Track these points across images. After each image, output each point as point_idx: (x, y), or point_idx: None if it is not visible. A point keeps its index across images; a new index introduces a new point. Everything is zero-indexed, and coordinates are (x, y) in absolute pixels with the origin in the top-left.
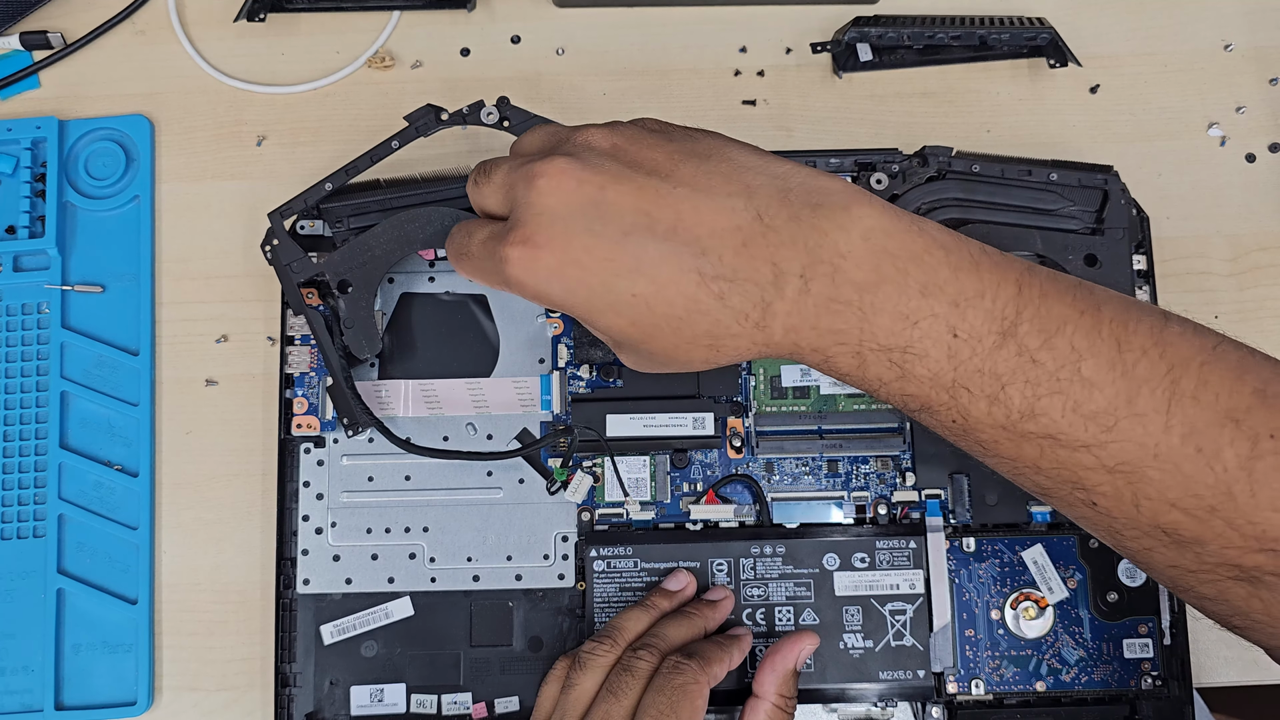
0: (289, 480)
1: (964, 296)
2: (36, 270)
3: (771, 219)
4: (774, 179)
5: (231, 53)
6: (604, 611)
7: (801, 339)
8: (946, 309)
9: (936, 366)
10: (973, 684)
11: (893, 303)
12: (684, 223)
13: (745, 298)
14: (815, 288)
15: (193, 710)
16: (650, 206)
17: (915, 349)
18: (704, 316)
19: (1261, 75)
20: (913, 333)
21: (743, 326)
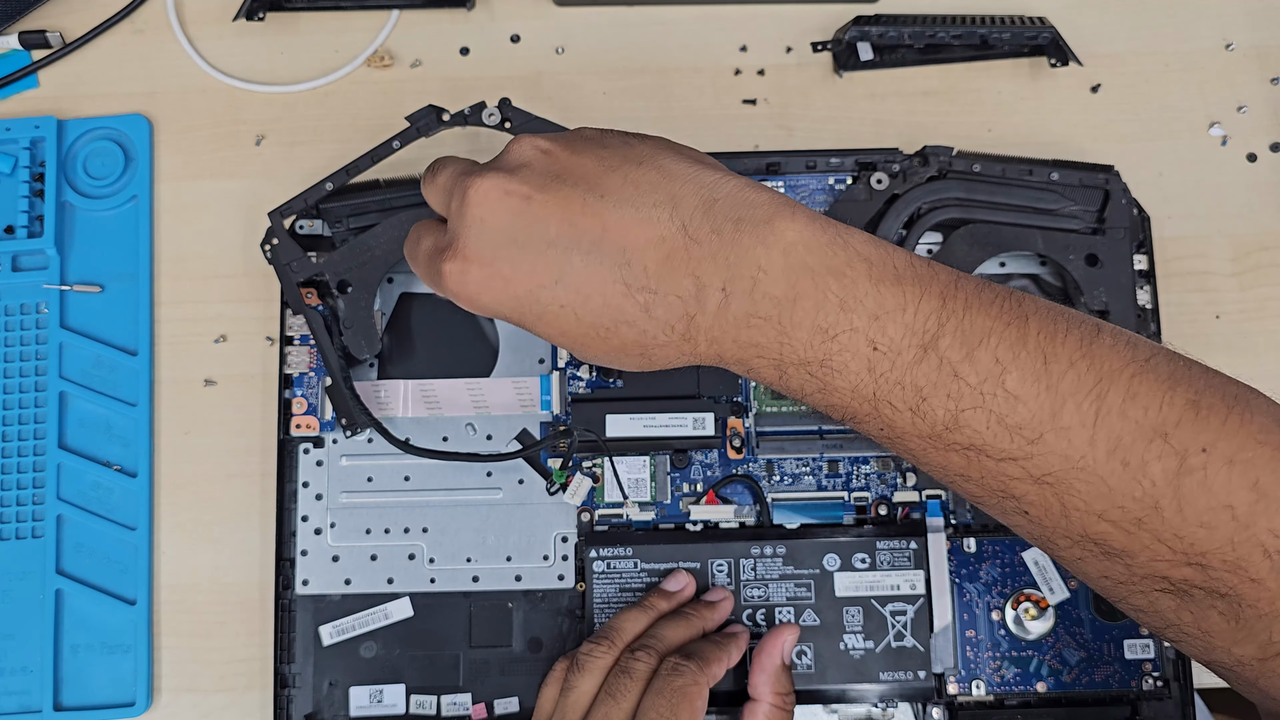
0: (288, 481)
1: (884, 310)
2: (35, 270)
3: (695, 231)
4: (701, 189)
5: (230, 52)
6: (604, 612)
7: (724, 351)
8: (865, 323)
9: (856, 379)
10: (973, 685)
11: (810, 317)
12: (609, 233)
13: (669, 310)
14: (734, 302)
15: (191, 711)
16: (576, 217)
17: (833, 362)
18: (630, 327)
19: (1263, 74)
20: (830, 346)
21: (669, 337)
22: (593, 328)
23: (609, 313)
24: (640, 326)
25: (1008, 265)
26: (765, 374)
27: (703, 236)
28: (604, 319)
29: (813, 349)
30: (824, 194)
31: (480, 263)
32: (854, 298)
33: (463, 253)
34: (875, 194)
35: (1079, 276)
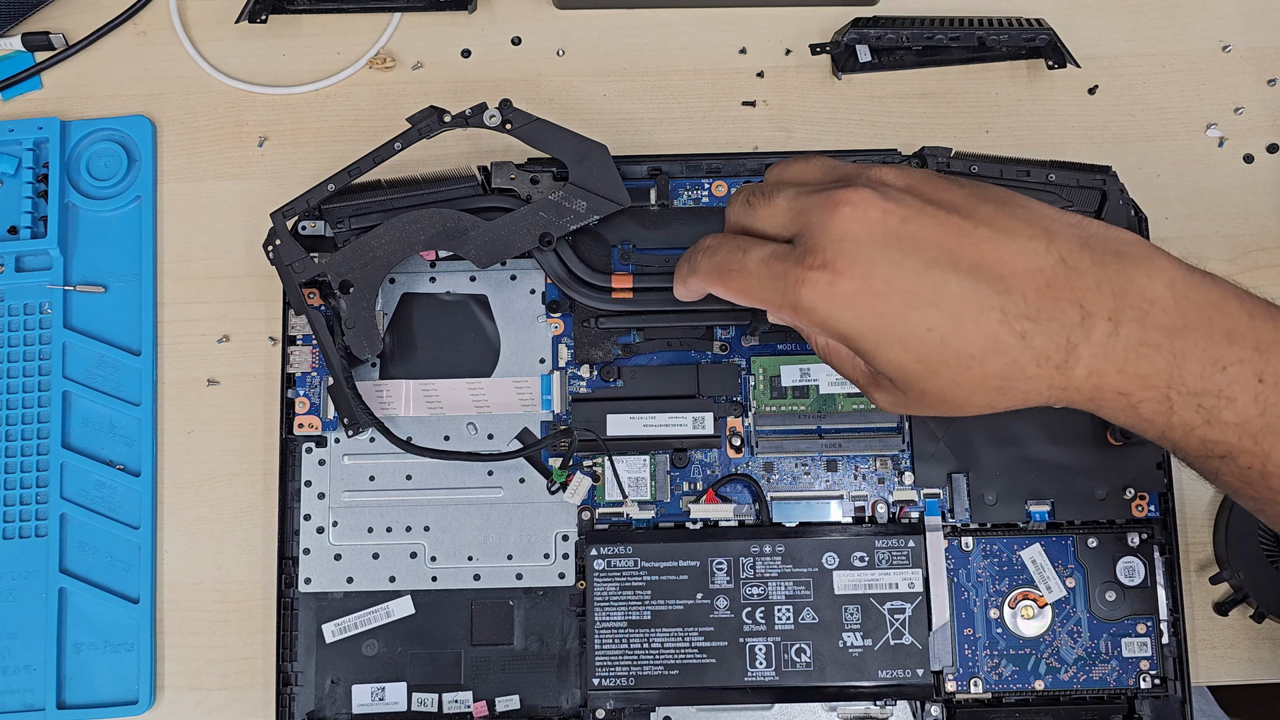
0: (290, 480)
1: (1264, 343)
2: (38, 270)
3: (1075, 263)
4: (1071, 225)
5: (233, 54)
6: (604, 610)
7: (1105, 382)
8: (1251, 354)
9: (1245, 411)
10: (971, 683)
11: (1201, 348)
12: (986, 260)
13: (1049, 338)
14: (1125, 331)
15: (194, 709)
16: (953, 243)
17: (1226, 393)
18: (1000, 356)
19: (1260, 76)
20: (1223, 377)
21: (1042, 369)
22: (957, 355)
23: (980, 340)
24: (1011, 356)
25: None
26: (1148, 409)
27: (1084, 268)
28: (973, 346)
29: (1205, 380)
30: None
31: (852, 276)
32: (1238, 331)
33: (833, 264)
34: None
35: None
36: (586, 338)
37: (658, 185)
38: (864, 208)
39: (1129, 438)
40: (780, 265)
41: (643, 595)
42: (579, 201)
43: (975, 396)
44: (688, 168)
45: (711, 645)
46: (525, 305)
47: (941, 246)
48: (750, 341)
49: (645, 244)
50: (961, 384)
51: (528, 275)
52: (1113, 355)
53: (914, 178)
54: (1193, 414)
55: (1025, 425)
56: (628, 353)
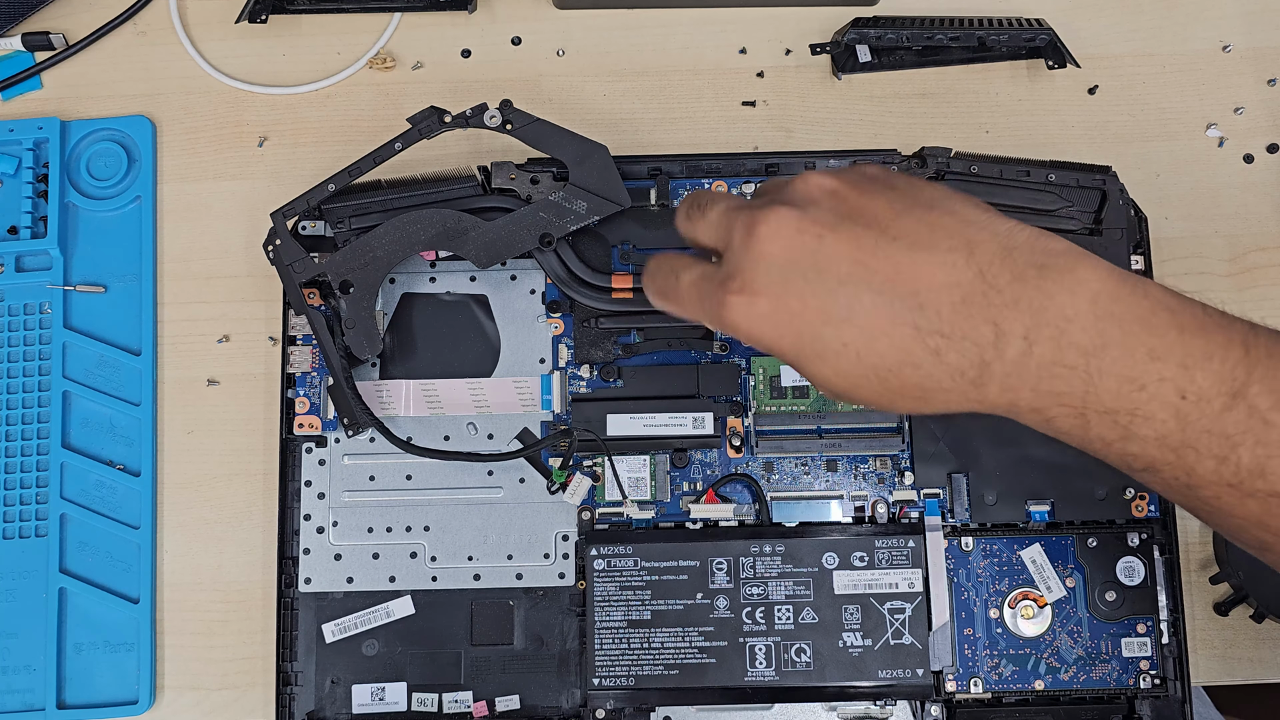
0: (290, 480)
1: (1191, 359)
2: (38, 270)
3: (994, 278)
4: (997, 236)
5: (233, 54)
6: (604, 610)
7: (1020, 399)
8: (1175, 372)
9: (1164, 428)
10: (971, 683)
11: (1119, 366)
12: (902, 275)
13: (962, 355)
14: (1039, 350)
15: (194, 709)
16: (867, 258)
17: (1142, 411)
18: (915, 370)
19: (1260, 76)
20: (1139, 396)
21: (956, 383)
22: (874, 369)
23: (894, 355)
24: (926, 370)
25: None
26: (1063, 423)
27: (1002, 284)
28: (888, 361)
29: (1121, 398)
30: None
31: (768, 296)
32: (1162, 347)
33: (750, 286)
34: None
35: None
36: (586, 338)
37: (658, 185)
38: (778, 227)
39: None
40: (707, 286)
41: (643, 595)
42: (579, 202)
43: (898, 403)
44: (688, 168)
45: (711, 645)
46: (525, 305)
47: (856, 262)
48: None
49: (645, 244)
50: (883, 394)
51: (528, 275)
52: (1026, 374)
53: (842, 184)
54: (1109, 430)
55: (1025, 425)
56: (628, 353)
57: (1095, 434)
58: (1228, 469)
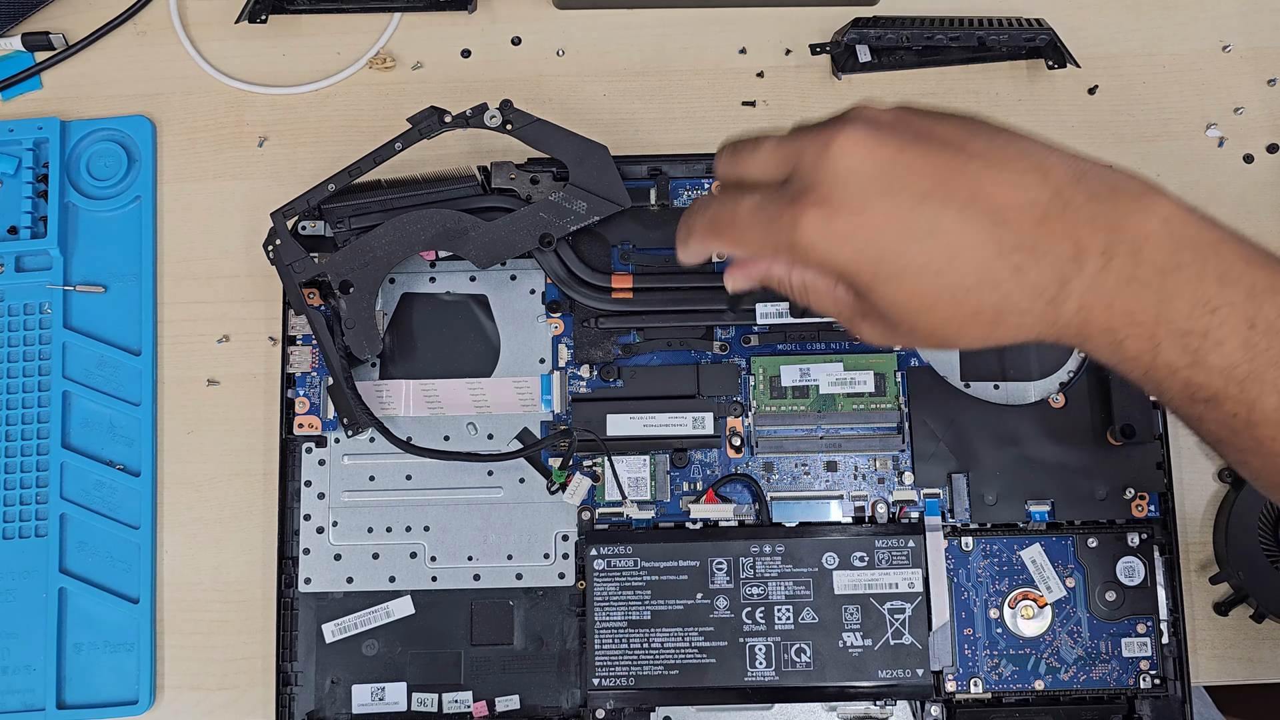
0: (290, 480)
1: (1259, 288)
2: (38, 270)
3: (1070, 197)
4: (1065, 160)
5: (233, 54)
6: (604, 610)
7: (1093, 317)
8: (1243, 299)
9: (1232, 355)
10: (971, 683)
11: (1192, 287)
12: (982, 193)
13: (1043, 273)
14: (1116, 265)
15: (194, 709)
16: (948, 174)
17: (1213, 335)
18: (994, 290)
19: (1260, 76)
20: (1211, 319)
21: (1034, 303)
22: (950, 289)
23: (975, 274)
24: (1005, 290)
25: None
26: (1133, 345)
27: (1079, 202)
28: (967, 280)
29: (1193, 320)
30: None
31: (849, 210)
32: (1231, 274)
33: (829, 200)
34: None
35: None
36: (586, 338)
37: (658, 185)
38: (857, 142)
39: (1129, 437)
40: (773, 208)
41: (643, 595)
42: (579, 202)
43: (967, 330)
44: (688, 168)
45: (711, 645)
46: (525, 305)
47: (936, 178)
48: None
49: (645, 244)
50: (955, 318)
51: (528, 275)
52: (1103, 290)
53: (905, 112)
54: (1178, 354)
55: (1025, 425)
56: (628, 353)
57: (1163, 359)
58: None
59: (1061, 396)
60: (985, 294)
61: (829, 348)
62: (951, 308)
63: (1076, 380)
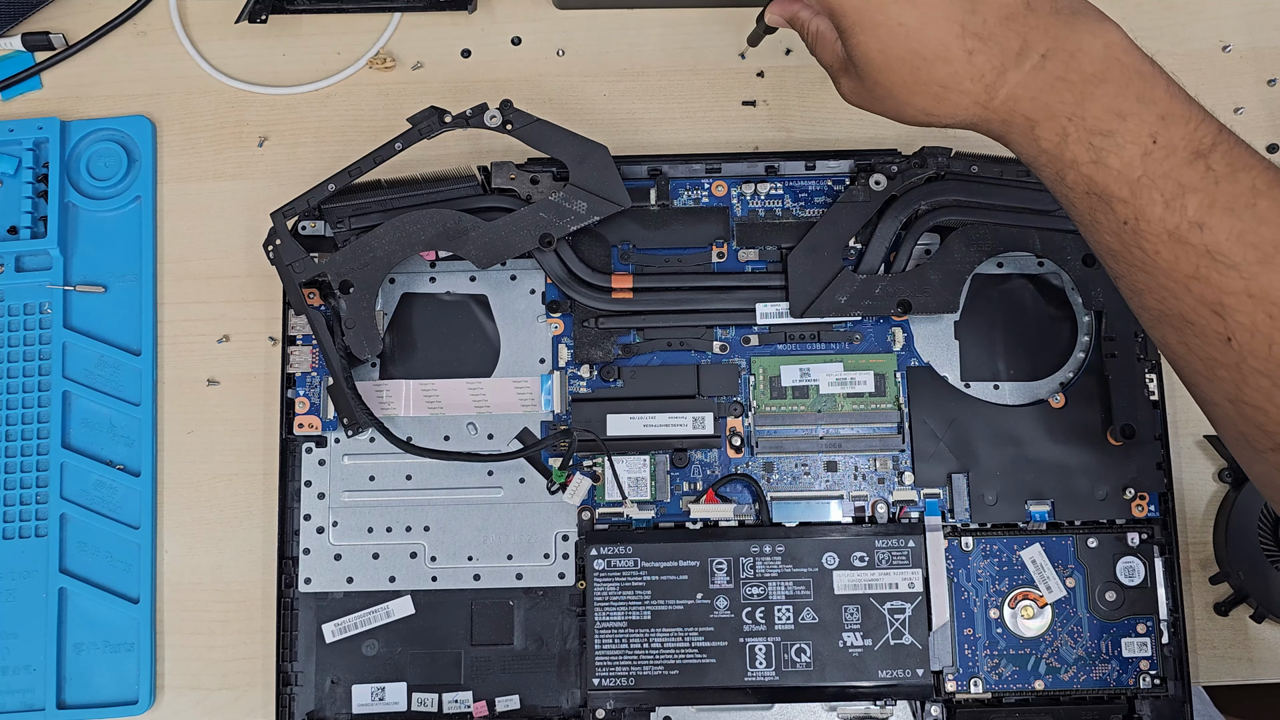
0: (290, 480)
1: (1172, 115)
2: (38, 270)
3: (1038, 6)
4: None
5: (233, 54)
6: (604, 610)
7: (1018, 106)
8: (1153, 119)
9: (1129, 159)
10: (971, 683)
11: (1110, 97)
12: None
13: (988, 59)
14: (1049, 66)
15: (194, 709)
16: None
17: (1117, 137)
18: (945, 65)
19: (1259, 76)
20: (1118, 124)
21: (974, 85)
22: (912, 53)
23: (935, 45)
24: (954, 67)
25: (1005, 265)
26: (1045, 135)
27: (1042, 12)
28: (928, 49)
29: (1101, 122)
30: (822, 195)
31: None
32: (1150, 97)
33: None
34: (873, 195)
35: (1076, 277)
36: (586, 338)
37: (658, 185)
38: None
39: (1129, 437)
40: None
41: (643, 595)
42: (579, 202)
43: (916, 98)
44: (688, 168)
45: (711, 645)
46: (525, 305)
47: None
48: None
49: (645, 244)
50: (909, 82)
51: (528, 275)
52: (1031, 84)
53: None
54: (1083, 150)
55: (1025, 425)
56: (628, 353)
57: (1070, 153)
58: (1172, 215)
59: (1061, 396)
60: (938, 67)
61: (829, 348)
62: (908, 72)
63: (1076, 380)
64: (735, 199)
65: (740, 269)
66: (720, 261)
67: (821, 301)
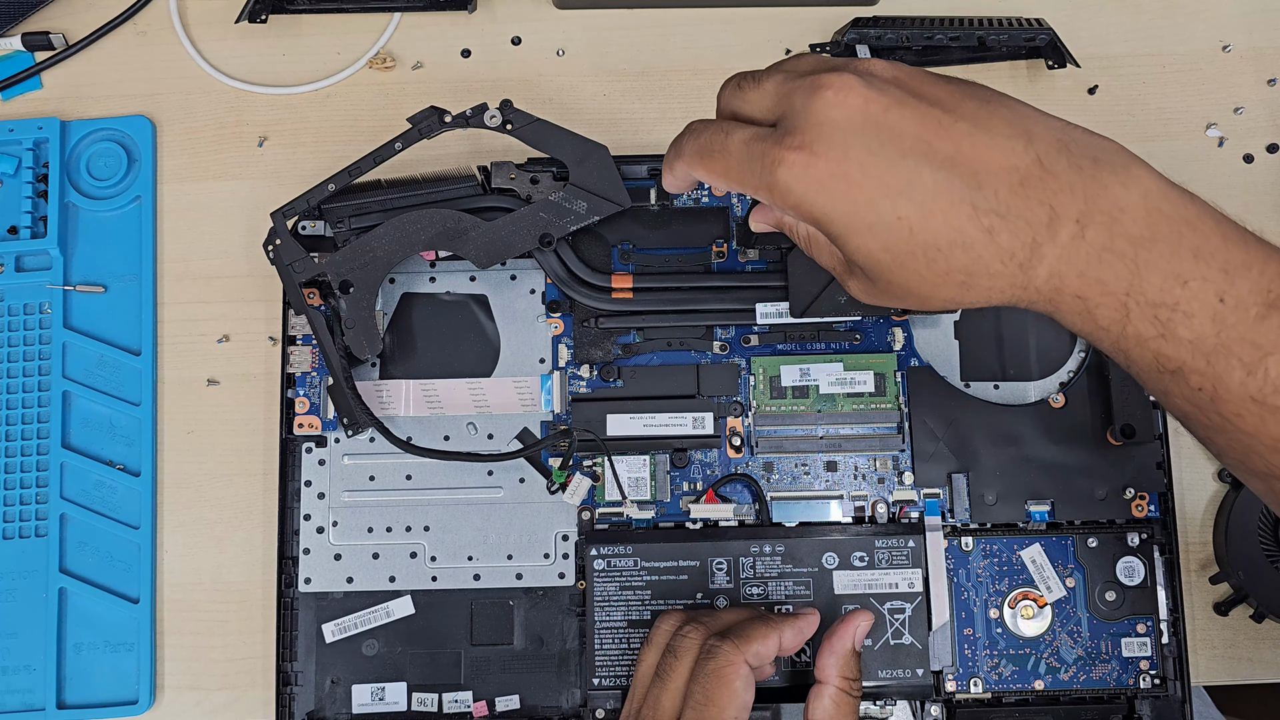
0: (290, 480)
1: (1232, 265)
2: (38, 270)
3: (1051, 164)
4: (1053, 129)
5: (233, 53)
6: (604, 610)
7: (1065, 285)
8: (1216, 274)
9: (1201, 329)
10: (971, 683)
11: (1165, 260)
12: (963, 155)
13: (1015, 236)
14: (1090, 235)
15: (194, 709)
16: (931, 134)
17: (1183, 308)
18: (965, 251)
19: (1260, 76)
20: (1182, 292)
21: (1005, 266)
22: (923, 246)
23: (948, 233)
24: (977, 251)
25: None
26: (1104, 315)
27: (1059, 170)
28: (940, 239)
29: (1164, 292)
30: None
31: (828, 159)
32: (1206, 249)
33: (811, 145)
34: None
35: None
36: (586, 338)
37: (658, 185)
38: (846, 93)
39: (1129, 437)
40: (760, 146)
41: (643, 595)
42: (579, 202)
43: (940, 290)
44: None
45: None
46: (525, 305)
47: (919, 137)
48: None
49: (645, 244)
50: (927, 276)
51: (528, 275)
52: (1075, 259)
53: (901, 71)
54: (1148, 325)
55: (1025, 425)
56: (628, 353)
57: (1133, 330)
58: (1254, 381)
59: (1061, 396)
60: (957, 255)
61: (829, 348)
62: (924, 265)
63: (1076, 380)
64: (735, 199)
65: (740, 269)
66: (720, 261)
67: (821, 301)
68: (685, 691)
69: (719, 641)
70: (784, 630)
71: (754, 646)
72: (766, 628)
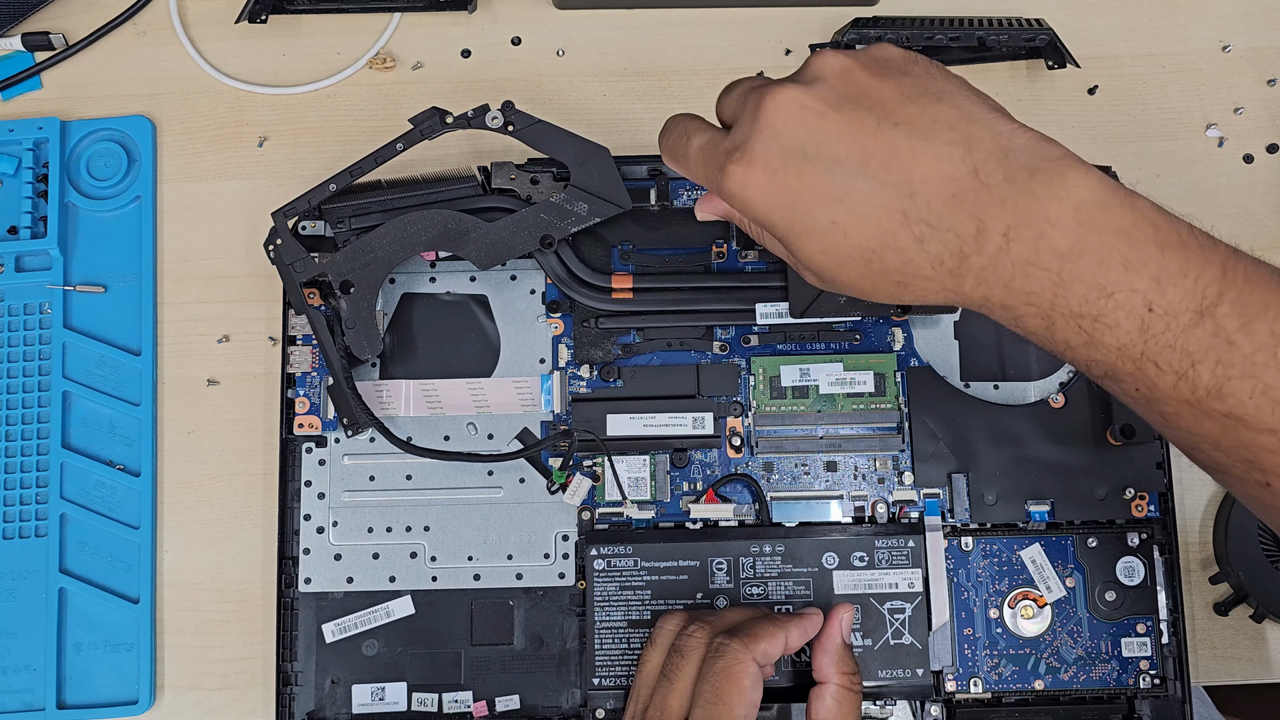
0: (290, 480)
1: (1166, 274)
2: (38, 270)
3: (987, 175)
4: (998, 135)
5: (233, 54)
6: (604, 610)
7: (991, 294)
8: (1146, 284)
9: (1126, 338)
10: (971, 683)
11: (1091, 274)
12: (898, 163)
13: (944, 245)
14: (1015, 249)
15: (194, 709)
16: (866, 141)
17: (1106, 319)
18: (898, 255)
19: (1259, 76)
20: (1106, 303)
21: (935, 271)
22: (859, 250)
23: (880, 238)
24: (908, 256)
25: None
26: (1031, 323)
27: (994, 182)
28: (873, 243)
29: (1087, 304)
30: None
31: (766, 169)
32: (1139, 259)
33: (749, 156)
34: None
35: None
36: (586, 338)
37: (658, 186)
38: (782, 103)
39: (1129, 437)
40: (712, 153)
41: (643, 595)
42: (580, 204)
43: (880, 287)
44: None
45: None
46: (525, 305)
47: (854, 144)
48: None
49: (645, 244)
50: (865, 275)
51: (528, 275)
52: (1000, 271)
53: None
54: (1073, 334)
55: (1025, 425)
56: (628, 353)
57: (1060, 337)
58: (1185, 386)
59: (1061, 396)
60: (890, 257)
61: (829, 348)
62: (861, 266)
63: (1076, 380)
64: None
65: (740, 269)
66: (720, 262)
67: (821, 302)
68: (693, 690)
69: (727, 639)
70: (790, 629)
71: (761, 645)
72: (774, 626)
